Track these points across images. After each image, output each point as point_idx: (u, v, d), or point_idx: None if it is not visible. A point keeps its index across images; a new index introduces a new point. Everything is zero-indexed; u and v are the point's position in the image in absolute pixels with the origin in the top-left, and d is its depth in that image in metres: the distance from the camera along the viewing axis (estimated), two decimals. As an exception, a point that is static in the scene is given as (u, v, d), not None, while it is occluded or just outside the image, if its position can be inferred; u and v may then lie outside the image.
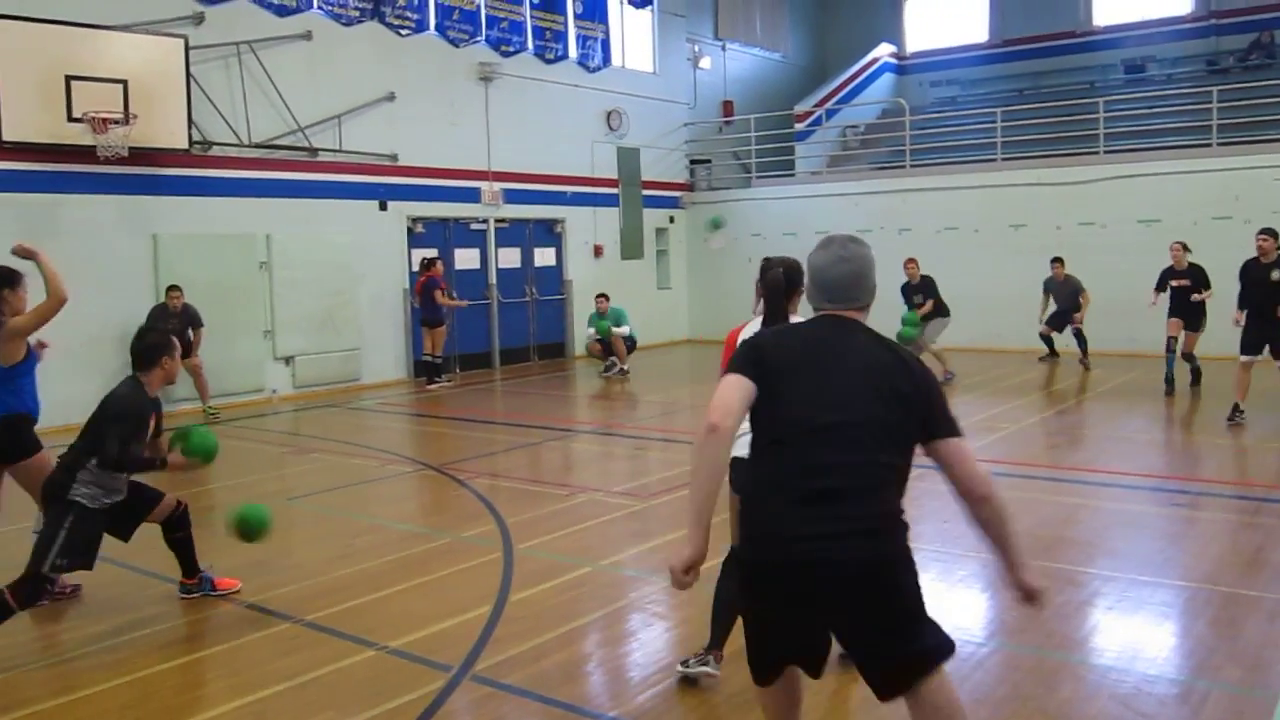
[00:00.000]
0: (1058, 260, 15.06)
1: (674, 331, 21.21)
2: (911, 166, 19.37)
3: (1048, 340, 15.58)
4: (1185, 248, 12.53)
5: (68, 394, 10.23)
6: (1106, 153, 17.31)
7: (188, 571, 5.78)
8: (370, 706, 4.30)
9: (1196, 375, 12.75)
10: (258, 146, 14.03)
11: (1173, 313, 12.48)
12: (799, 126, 21.79)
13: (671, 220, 21.23)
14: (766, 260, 4.42)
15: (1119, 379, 13.92)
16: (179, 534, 5.68)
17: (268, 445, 11.29)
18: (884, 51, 25.07)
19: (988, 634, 5.07)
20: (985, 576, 5.84)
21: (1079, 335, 14.87)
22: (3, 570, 5.17)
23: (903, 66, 25.82)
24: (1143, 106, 19.25)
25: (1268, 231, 10.34)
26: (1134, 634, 5.01)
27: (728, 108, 22.31)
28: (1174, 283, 12.47)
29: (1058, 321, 15.12)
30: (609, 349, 16.16)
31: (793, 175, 21.09)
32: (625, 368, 15.96)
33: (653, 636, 5.14)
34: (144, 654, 4.97)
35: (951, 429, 2.87)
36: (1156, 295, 12.72)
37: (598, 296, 16.44)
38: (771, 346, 3.03)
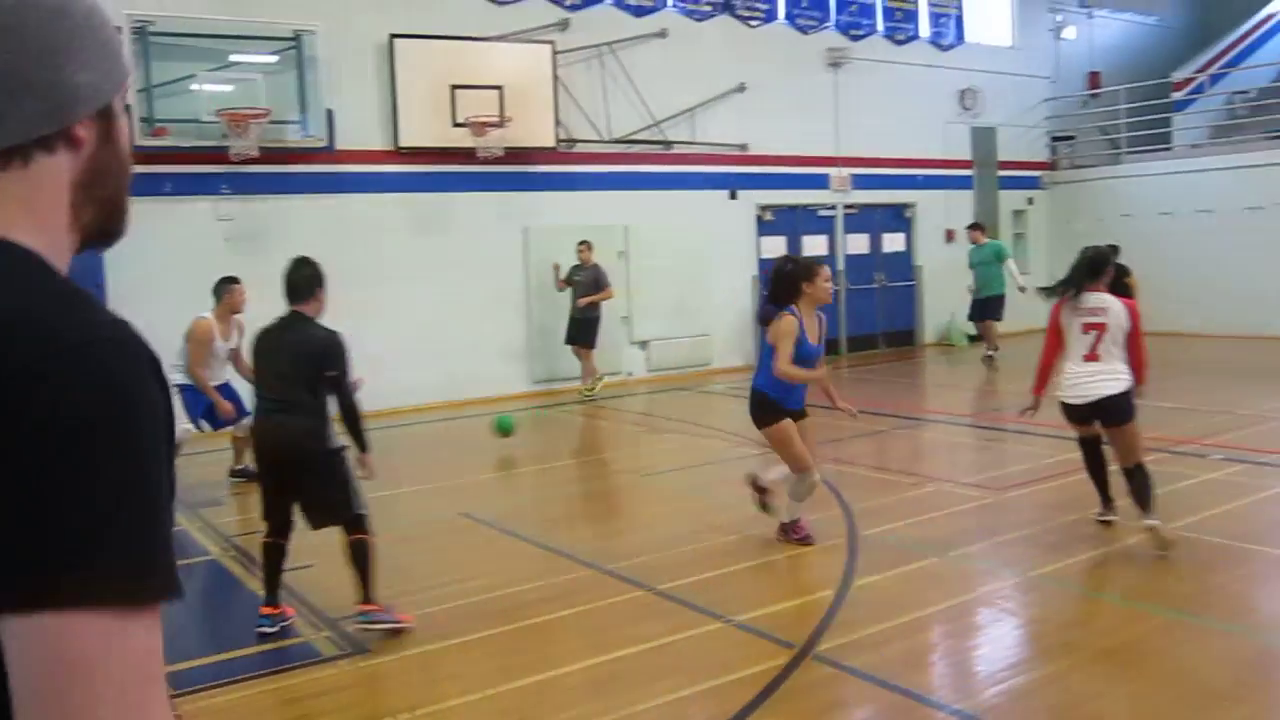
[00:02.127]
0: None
1: (1037, 319, 20.06)
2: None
3: None
4: None
5: (459, 368, 12.59)
6: None
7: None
8: (717, 675, 4.48)
9: None
10: (617, 142, 14.78)
11: None
12: (1177, 96, 19.92)
13: (1030, 202, 20.12)
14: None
15: None
16: None
17: (625, 424, 11.91)
18: (1283, 5, 22.36)
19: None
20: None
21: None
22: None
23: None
24: None
25: None
26: None
27: (1094, 79, 20.79)
28: None
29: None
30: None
31: (1169, 149, 19.31)
32: (991, 353, 15.18)
33: (1002, 633, 4.98)
34: (516, 609, 5.42)
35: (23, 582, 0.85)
36: None
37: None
38: None
